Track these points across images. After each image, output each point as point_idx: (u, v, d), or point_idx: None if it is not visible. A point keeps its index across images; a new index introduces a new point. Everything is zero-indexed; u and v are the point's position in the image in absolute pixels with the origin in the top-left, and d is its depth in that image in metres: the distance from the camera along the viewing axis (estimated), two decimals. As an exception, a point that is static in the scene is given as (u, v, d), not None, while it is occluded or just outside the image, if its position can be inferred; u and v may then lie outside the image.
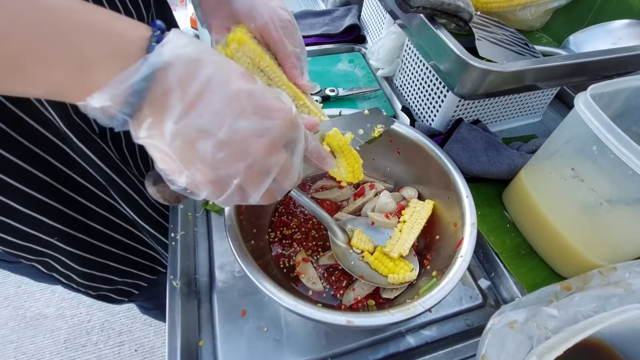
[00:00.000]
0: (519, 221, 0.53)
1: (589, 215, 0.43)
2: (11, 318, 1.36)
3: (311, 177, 0.57)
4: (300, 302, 0.33)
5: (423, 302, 0.34)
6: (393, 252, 0.44)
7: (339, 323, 0.32)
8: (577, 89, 0.76)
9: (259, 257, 0.44)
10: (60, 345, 1.31)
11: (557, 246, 0.47)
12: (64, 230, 0.48)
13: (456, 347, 0.41)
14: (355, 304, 0.43)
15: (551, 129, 0.72)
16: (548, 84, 0.51)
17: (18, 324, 1.35)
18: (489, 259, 0.50)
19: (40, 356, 1.29)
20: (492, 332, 0.29)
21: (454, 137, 0.57)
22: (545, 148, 0.48)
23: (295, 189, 0.43)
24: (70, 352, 1.30)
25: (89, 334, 1.33)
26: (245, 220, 0.43)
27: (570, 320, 0.29)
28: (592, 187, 0.41)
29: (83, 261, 0.53)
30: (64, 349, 1.30)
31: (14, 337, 1.32)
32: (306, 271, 0.46)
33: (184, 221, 0.49)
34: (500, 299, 0.48)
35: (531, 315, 0.30)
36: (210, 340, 0.42)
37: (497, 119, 0.67)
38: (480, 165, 0.55)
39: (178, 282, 0.43)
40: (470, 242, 0.38)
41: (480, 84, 0.42)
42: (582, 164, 0.42)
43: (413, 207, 0.49)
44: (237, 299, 0.44)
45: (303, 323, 0.43)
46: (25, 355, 1.29)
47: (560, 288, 0.33)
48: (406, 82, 0.68)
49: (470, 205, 0.41)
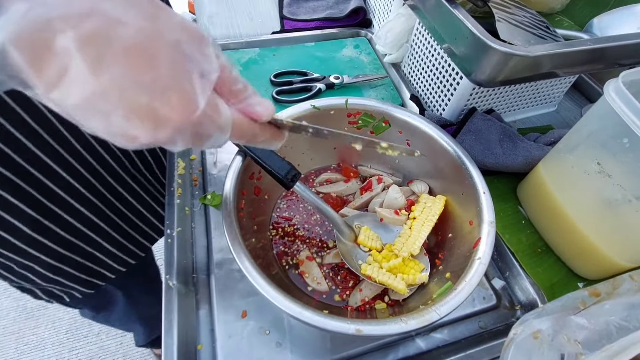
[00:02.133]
0: (535, 217, 0.50)
1: (615, 212, 0.40)
2: (12, 309, 1.35)
3: (315, 170, 0.53)
4: (306, 309, 0.30)
5: (438, 309, 0.31)
6: (402, 252, 0.42)
7: (347, 332, 0.29)
8: (596, 78, 0.73)
9: (260, 255, 0.41)
10: (62, 335, 1.31)
11: (576, 245, 0.44)
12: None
13: (469, 352, 0.39)
14: (362, 305, 0.41)
15: (567, 119, 0.69)
16: (570, 70, 0.47)
17: (19, 315, 1.34)
18: (504, 257, 0.47)
19: (43, 347, 1.28)
20: (516, 344, 0.27)
21: (467, 127, 0.53)
22: (567, 140, 0.45)
23: (299, 182, 0.40)
24: (72, 342, 1.29)
25: (90, 325, 1.33)
26: (246, 217, 0.40)
27: (602, 332, 0.27)
28: (620, 183, 0.38)
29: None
30: (66, 340, 1.30)
31: (15, 328, 1.32)
32: (310, 270, 0.43)
33: (180, 217, 0.46)
34: (515, 300, 0.45)
35: (558, 325, 0.27)
36: (210, 343, 0.39)
37: (511, 109, 0.64)
38: (494, 158, 0.51)
39: (174, 282, 0.41)
40: (489, 243, 0.36)
41: (501, 69, 0.39)
42: (610, 158, 0.38)
43: (424, 202, 0.46)
44: (237, 299, 0.42)
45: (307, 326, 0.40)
46: (27, 346, 1.29)
47: (587, 294, 0.30)
48: (415, 69, 0.64)
49: (487, 202, 0.38)
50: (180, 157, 0.52)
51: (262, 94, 0.33)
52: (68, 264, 0.54)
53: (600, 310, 0.28)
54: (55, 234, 0.49)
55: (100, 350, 1.28)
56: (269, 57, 0.69)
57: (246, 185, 0.42)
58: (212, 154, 0.56)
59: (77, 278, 0.57)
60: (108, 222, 0.54)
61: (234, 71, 0.22)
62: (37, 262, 0.51)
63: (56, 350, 1.27)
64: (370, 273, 0.40)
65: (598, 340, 0.26)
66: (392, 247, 0.43)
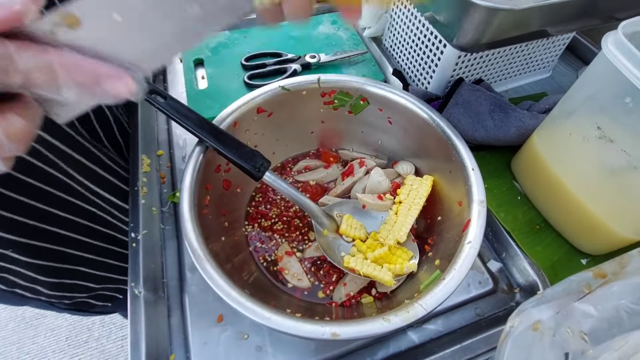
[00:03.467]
0: (531, 192, 0.47)
1: (618, 181, 0.36)
2: (10, 319, 1.34)
3: (292, 157, 0.49)
4: (275, 314, 0.27)
5: (424, 302, 0.28)
6: (388, 240, 0.38)
7: (322, 337, 0.26)
8: (592, 39, 0.68)
9: (233, 255, 0.38)
10: (62, 342, 1.29)
11: (578, 218, 0.41)
12: (18, 240, 0.42)
13: (465, 344, 0.36)
14: (348, 300, 0.38)
15: (563, 85, 0.65)
16: (563, 27, 0.43)
17: (18, 325, 1.33)
18: (499, 237, 0.44)
19: (43, 355, 1.27)
20: (513, 339, 0.23)
21: (454, 100, 0.49)
22: (562, 105, 0.41)
23: (269, 172, 0.36)
24: (73, 349, 1.28)
25: (90, 330, 1.32)
26: (212, 215, 0.37)
27: (612, 319, 0.23)
28: (623, 148, 0.34)
29: (47, 270, 0.47)
30: (67, 346, 1.29)
31: (15, 338, 1.31)
32: (290, 267, 0.40)
33: (146, 218, 0.43)
34: (514, 283, 0.42)
35: (560, 315, 0.24)
36: (183, 352, 0.36)
37: (502, 77, 0.59)
38: (485, 131, 0.47)
39: (141, 290, 0.37)
40: (479, 225, 0.32)
41: (485, 29, 0.34)
42: (612, 122, 0.34)
43: (410, 184, 0.42)
44: (212, 303, 0.39)
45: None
46: (29, 355, 1.28)
47: (592, 275, 0.27)
48: (396, 42, 0.59)
49: (477, 180, 0.35)
50: (144, 153, 0.48)
51: (233, 79, 0.28)
52: (113, 256, 0.54)
53: (607, 293, 0.25)
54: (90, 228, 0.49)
55: (102, 354, 1.27)
56: (239, 39, 0.64)
57: (211, 180, 0.38)
58: (182, 147, 0.51)
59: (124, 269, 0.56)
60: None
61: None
62: (83, 263, 0.50)
63: (58, 357, 1.26)
64: (354, 266, 0.37)
65: (607, 329, 0.23)
66: (377, 236, 0.39)
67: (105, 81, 0.17)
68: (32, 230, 0.43)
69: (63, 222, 0.46)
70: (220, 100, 0.54)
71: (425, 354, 0.36)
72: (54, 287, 0.50)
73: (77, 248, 0.50)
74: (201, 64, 0.60)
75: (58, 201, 0.44)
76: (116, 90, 0.17)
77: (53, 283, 0.49)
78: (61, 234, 0.46)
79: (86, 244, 0.51)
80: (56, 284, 0.50)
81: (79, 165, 0.45)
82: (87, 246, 0.51)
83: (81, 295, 0.56)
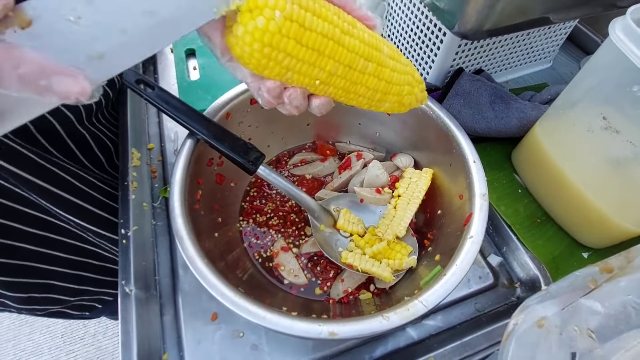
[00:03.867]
0: (533, 185, 0.46)
1: (624, 173, 0.35)
2: (5, 317, 1.33)
3: (288, 150, 0.48)
4: (270, 313, 0.26)
5: (425, 300, 0.27)
6: (387, 234, 0.37)
7: (319, 337, 0.25)
8: (594, 28, 0.66)
9: (227, 251, 0.36)
10: (58, 339, 1.29)
11: (580, 211, 0.40)
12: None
13: (465, 340, 0.35)
14: (346, 297, 0.37)
15: (564, 75, 0.64)
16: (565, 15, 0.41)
17: (13, 322, 1.32)
18: (500, 231, 0.43)
19: (40, 352, 1.27)
20: (517, 337, 0.23)
21: (454, 90, 0.48)
22: (566, 95, 0.39)
23: (264, 166, 0.35)
24: (69, 345, 1.28)
25: (86, 327, 1.31)
26: (204, 210, 0.35)
27: (619, 316, 0.23)
28: (629, 139, 0.33)
29: (13, 286, 0.45)
30: (62, 343, 1.28)
31: (11, 335, 1.30)
32: (286, 263, 0.39)
33: (137, 214, 0.41)
34: (514, 277, 0.41)
35: (566, 312, 0.23)
36: (177, 352, 0.35)
37: (502, 67, 0.58)
38: (485, 122, 0.46)
39: (132, 288, 0.36)
40: (481, 219, 0.31)
41: (487, 14, 0.33)
42: (618, 112, 0.33)
43: (409, 177, 0.41)
44: (206, 301, 0.37)
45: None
46: (24, 352, 1.27)
47: (598, 270, 0.26)
48: (395, 31, 0.57)
49: (479, 173, 0.33)
50: (134, 146, 0.46)
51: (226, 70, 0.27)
52: (87, 269, 0.52)
53: (614, 288, 0.24)
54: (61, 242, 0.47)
55: (98, 351, 1.26)
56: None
57: (203, 174, 0.36)
58: (173, 141, 0.50)
59: (100, 281, 0.55)
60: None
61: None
62: (56, 277, 0.48)
63: (53, 354, 1.25)
64: (352, 261, 0.36)
65: (614, 326, 0.22)
66: (376, 230, 0.38)
67: (53, 77, 0.15)
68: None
69: (31, 237, 0.44)
70: (213, 91, 0.52)
71: (425, 350, 0.35)
72: (22, 301, 0.47)
73: (47, 262, 0.47)
74: (193, 54, 0.58)
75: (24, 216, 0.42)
76: (65, 88, 0.15)
77: (21, 298, 0.47)
78: (30, 249, 0.44)
79: (57, 257, 0.48)
80: (24, 298, 0.47)
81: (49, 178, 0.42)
82: (57, 260, 0.48)
83: (54, 307, 0.53)
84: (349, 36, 0.22)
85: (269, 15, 0.18)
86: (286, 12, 0.19)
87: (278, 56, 0.20)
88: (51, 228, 0.46)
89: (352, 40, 0.22)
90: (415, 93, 0.29)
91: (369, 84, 0.24)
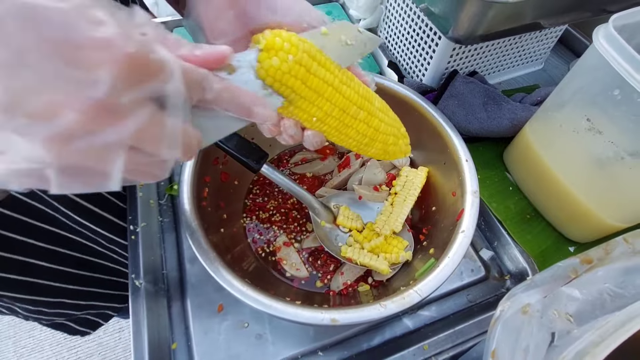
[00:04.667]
0: (523, 182, 0.48)
1: (607, 172, 0.37)
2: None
3: (289, 149, 0.50)
4: (276, 302, 0.28)
5: (420, 289, 0.29)
6: (384, 230, 0.39)
7: (321, 323, 0.27)
8: (584, 31, 0.69)
9: (232, 246, 0.38)
10: (59, 335, 1.29)
11: (567, 208, 0.42)
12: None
13: (458, 329, 0.37)
14: (345, 289, 0.39)
15: (555, 77, 0.66)
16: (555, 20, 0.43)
17: (13, 318, 1.32)
18: (491, 227, 0.45)
19: (41, 349, 1.27)
20: (503, 322, 0.25)
21: (449, 92, 0.50)
22: (554, 97, 0.41)
23: (267, 164, 0.36)
24: (70, 341, 1.28)
25: (87, 323, 1.31)
26: (210, 207, 0.37)
27: (595, 302, 0.25)
28: (612, 140, 0.35)
29: (24, 302, 0.46)
30: (63, 340, 1.29)
31: (11, 332, 1.30)
32: (288, 257, 0.41)
33: (144, 211, 0.43)
34: (505, 270, 0.43)
35: (548, 299, 0.25)
36: (185, 342, 0.37)
37: (495, 69, 0.60)
38: (478, 123, 0.48)
39: (142, 281, 0.38)
40: (472, 214, 0.33)
41: (480, 21, 0.35)
42: (601, 114, 0.35)
43: (405, 176, 0.43)
44: (212, 293, 0.39)
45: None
46: (25, 349, 1.28)
47: (579, 261, 0.28)
48: (392, 33, 0.59)
49: (470, 171, 0.35)
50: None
51: None
52: (93, 284, 0.53)
53: (593, 278, 0.26)
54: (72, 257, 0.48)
55: (100, 346, 1.27)
56: (234, 30, 0.64)
57: (210, 172, 0.38)
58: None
59: (107, 295, 0.56)
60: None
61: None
62: (64, 294, 0.49)
63: (55, 350, 1.26)
64: (351, 255, 0.38)
65: (591, 311, 0.24)
66: (374, 226, 0.40)
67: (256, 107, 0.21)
68: (8, 263, 0.41)
69: (44, 253, 0.44)
70: (216, 92, 0.53)
71: (420, 338, 0.37)
72: (31, 312, 0.49)
73: (58, 280, 0.48)
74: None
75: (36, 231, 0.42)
76: (262, 114, 0.22)
77: (31, 310, 0.48)
78: (43, 266, 0.45)
79: (66, 274, 0.49)
80: (32, 310, 0.49)
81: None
82: (66, 276, 0.49)
83: (60, 319, 0.55)
84: (346, 86, 0.25)
85: (283, 57, 0.21)
86: (297, 58, 0.22)
87: (285, 91, 0.23)
88: (61, 241, 0.46)
89: (348, 90, 0.25)
90: (400, 145, 0.32)
91: (359, 128, 0.27)
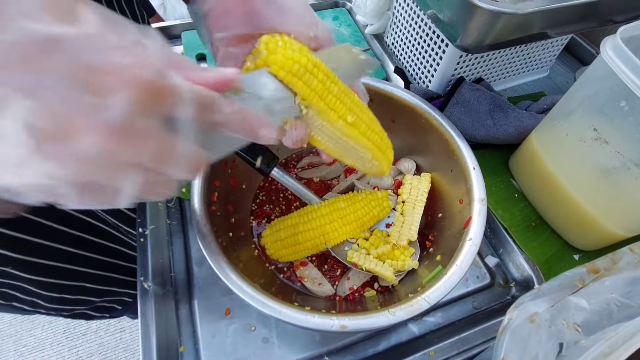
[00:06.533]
0: (528, 190, 0.48)
1: (613, 181, 0.37)
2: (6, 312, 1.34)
3: (296, 154, 0.50)
4: (285, 308, 0.28)
5: (428, 297, 0.29)
6: (401, 240, 0.39)
7: (331, 329, 0.27)
8: (589, 39, 0.69)
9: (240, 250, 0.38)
10: (60, 335, 1.29)
11: (572, 216, 0.43)
12: (19, 258, 0.42)
13: (463, 336, 0.38)
14: (351, 294, 0.39)
15: (560, 84, 0.66)
16: (562, 29, 0.44)
17: (14, 317, 1.33)
18: (497, 234, 0.45)
19: (42, 347, 1.28)
20: (511, 331, 0.25)
21: (455, 99, 0.50)
22: (561, 106, 0.42)
23: (277, 168, 0.37)
24: (71, 341, 1.29)
25: (88, 322, 1.32)
26: (220, 211, 0.37)
27: (602, 312, 0.25)
28: (618, 150, 0.35)
29: (48, 286, 0.47)
30: (65, 339, 1.29)
31: (12, 330, 1.30)
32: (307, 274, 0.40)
33: (153, 214, 0.43)
34: (510, 277, 0.43)
35: (555, 308, 0.25)
36: (192, 344, 0.37)
37: (501, 76, 0.60)
38: (484, 130, 0.49)
39: (150, 284, 0.38)
40: (480, 222, 0.33)
41: (488, 31, 0.35)
42: (608, 124, 0.36)
43: (409, 183, 0.43)
44: (219, 297, 0.40)
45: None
46: (26, 347, 1.28)
47: (586, 271, 0.28)
48: (398, 39, 0.59)
49: (478, 179, 0.36)
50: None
51: None
52: (114, 270, 0.54)
53: (600, 287, 0.26)
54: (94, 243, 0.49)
55: (100, 346, 1.27)
56: (241, 34, 0.64)
57: (219, 176, 0.39)
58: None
59: (125, 282, 0.57)
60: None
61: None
62: (88, 279, 0.50)
63: (55, 350, 1.26)
64: (357, 260, 0.38)
65: (598, 321, 0.25)
66: (389, 238, 0.40)
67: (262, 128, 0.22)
68: (34, 247, 0.42)
69: (70, 238, 0.46)
70: (224, 96, 0.54)
71: (426, 344, 0.37)
72: (54, 301, 0.50)
73: (81, 264, 0.50)
74: (203, 58, 0.60)
75: (60, 216, 0.44)
76: (265, 134, 0.22)
77: (54, 297, 0.49)
78: (67, 251, 0.46)
79: (89, 259, 0.51)
80: (57, 298, 0.50)
81: None
82: (90, 261, 0.51)
83: (80, 307, 0.56)
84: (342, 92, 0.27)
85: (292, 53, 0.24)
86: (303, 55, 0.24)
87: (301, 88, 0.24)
88: (86, 228, 0.48)
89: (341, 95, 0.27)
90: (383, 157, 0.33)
91: (344, 130, 0.28)
